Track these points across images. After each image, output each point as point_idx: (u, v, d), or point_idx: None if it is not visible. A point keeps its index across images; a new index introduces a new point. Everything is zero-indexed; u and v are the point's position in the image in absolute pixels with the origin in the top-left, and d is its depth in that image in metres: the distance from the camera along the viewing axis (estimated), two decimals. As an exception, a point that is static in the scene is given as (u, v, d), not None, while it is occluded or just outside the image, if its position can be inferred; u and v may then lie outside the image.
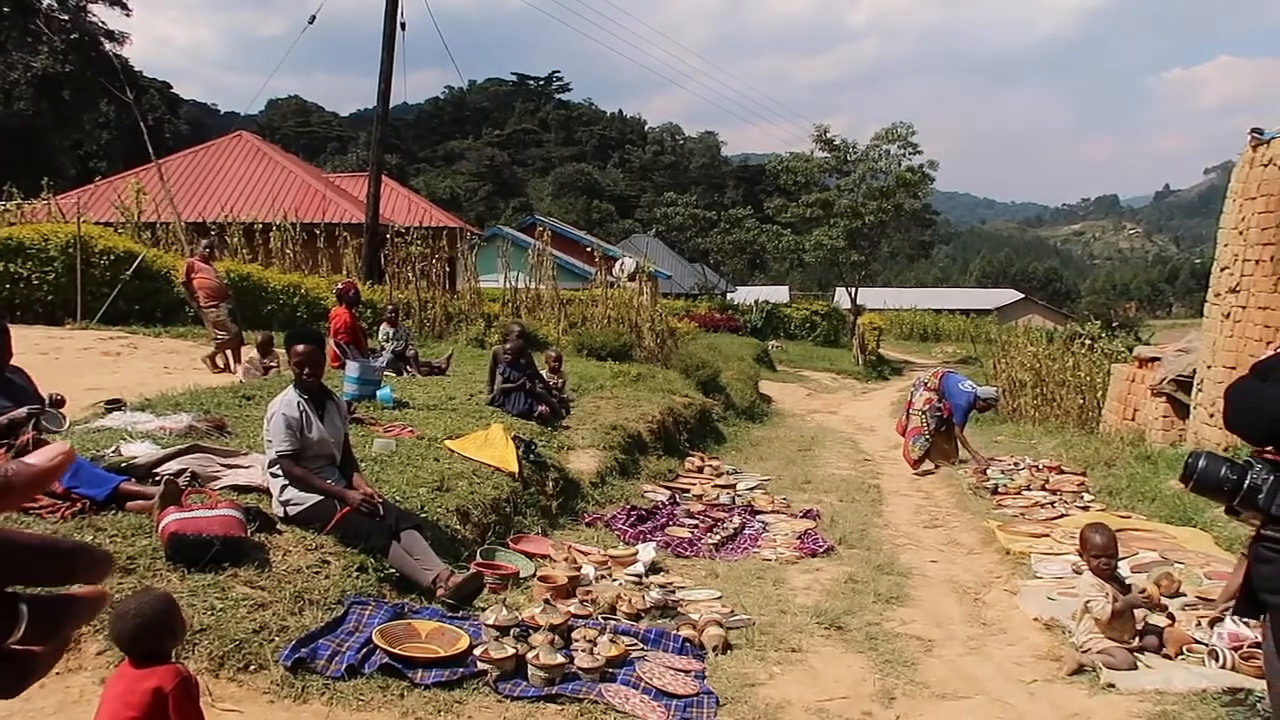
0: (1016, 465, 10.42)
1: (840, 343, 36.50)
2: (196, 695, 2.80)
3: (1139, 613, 5.03)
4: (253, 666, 3.90)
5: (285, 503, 5.15)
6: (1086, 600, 4.94)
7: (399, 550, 5.07)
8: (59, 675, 3.54)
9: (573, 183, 77.72)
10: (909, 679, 4.67)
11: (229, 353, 10.87)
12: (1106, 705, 4.37)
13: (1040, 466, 10.12)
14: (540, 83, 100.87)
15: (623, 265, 20.98)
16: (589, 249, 25.85)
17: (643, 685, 4.21)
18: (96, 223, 16.00)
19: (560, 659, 4.17)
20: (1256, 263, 9.62)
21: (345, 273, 18.05)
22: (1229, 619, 4.94)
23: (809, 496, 9.43)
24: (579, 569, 5.90)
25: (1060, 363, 17.28)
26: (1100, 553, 4.94)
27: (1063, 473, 9.82)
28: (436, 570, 5.06)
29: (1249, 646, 4.61)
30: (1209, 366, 10.34)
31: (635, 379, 12.89)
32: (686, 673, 4.41)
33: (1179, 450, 9.95)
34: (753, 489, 9.52)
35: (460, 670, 4.12)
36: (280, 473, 5.18)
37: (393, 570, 5.07)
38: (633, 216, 70.49)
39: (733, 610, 5.48)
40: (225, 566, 4.39)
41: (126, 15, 42.84)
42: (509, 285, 19.36)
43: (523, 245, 23.57)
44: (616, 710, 3.97)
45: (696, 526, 7.74)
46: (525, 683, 4.10)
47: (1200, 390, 10.61)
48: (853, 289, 38.94)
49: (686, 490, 9.15)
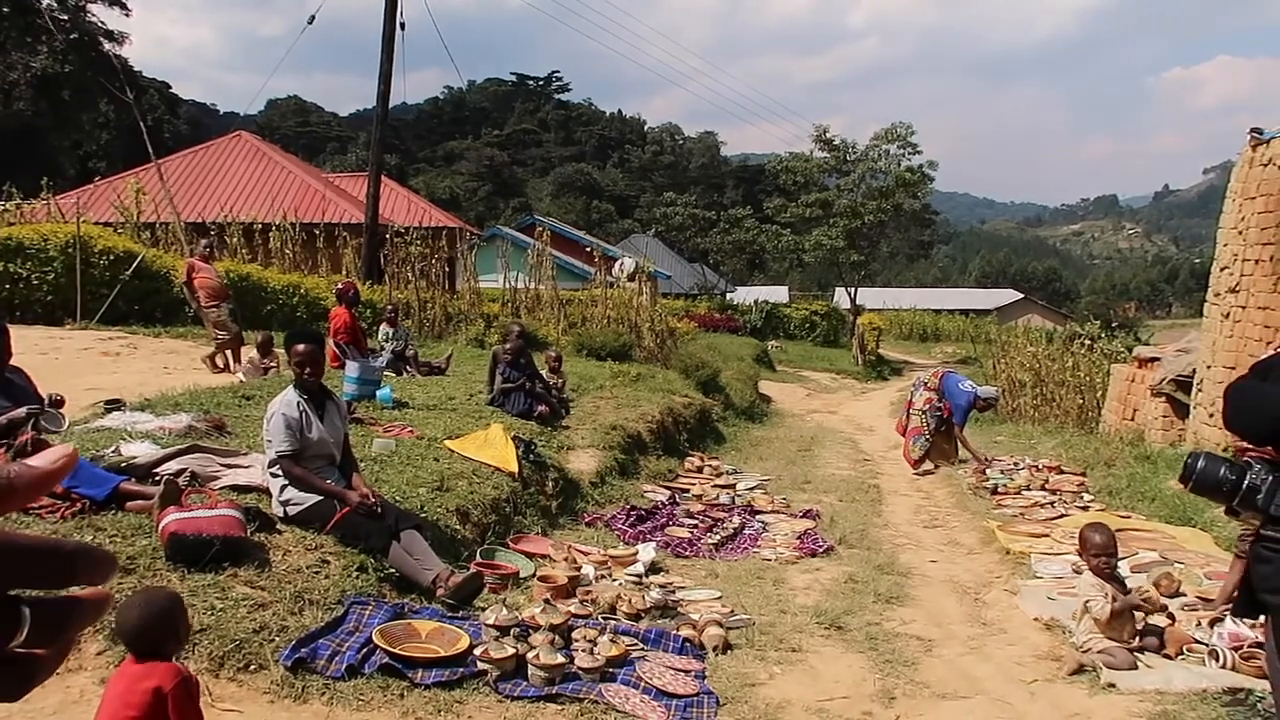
0: (1016, 465, 10.42)
1: (840, 343, 36.51)
2: (197, 695, 2.80)
3: (1139, 613, 5.03)
4: (253, 666, 3.89)
5: (285, 503, 5.15)
6: (1086, 600, 4.94)
7: (399, 550, 5.07)
8: (59, 675, 3.53)
9: (572, 183, 77.71)
10: (909, 679, 4.67)
11: (229, 353, 10.87)
12: (1107, 705, 4.37)
13: (1040, 466, 10.12)
14: (540, 83, 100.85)
15: (622, 265, 20.98)
16: (588, 249, 25.85)
17: (643, 685, 4.21)
18: (96, 223, 16.00)
19: (560, 659, 4.17)
20: (1256, 262, 9.62)
21: (345, 273, 18.05)
22: (1229, 619, 4.94)
23: (809, 496, 9.43)
24: (579, 569, 5.90)
25: (1060, 363, 17.29)
26: (1100, 552, 4.95)
27: (1062, 473, 9.83)
28: (436, 570, 5.06)
29: (1249, 646, 4.62)
30: (1209, 366, 10.35)
31: (635, 379, 12.90)
32: (687, 673, 4.41)
33: (1178, 450, 9.95)
34: (752, 489, 9.52)
35: (460, 670, 4.12)
36: (280, 473, 5.17)
37: (393, 570, 5.07)
38: (632, 216, 70.50)
39: (733, 610, 5.47)
40: (225, 566, 4.39)
41: (126, 15, 42.99)
42: (508, 285, 19.37)
43: (522, 245, 23.57)
44: (617, 710, 3.97)
45: (696, 526, 7.74)
46: (525, 683, 4.10)
47: (1200, 390, 10.62)
48: (852, 289, 38.95)
49: (686, 490, 9.15)
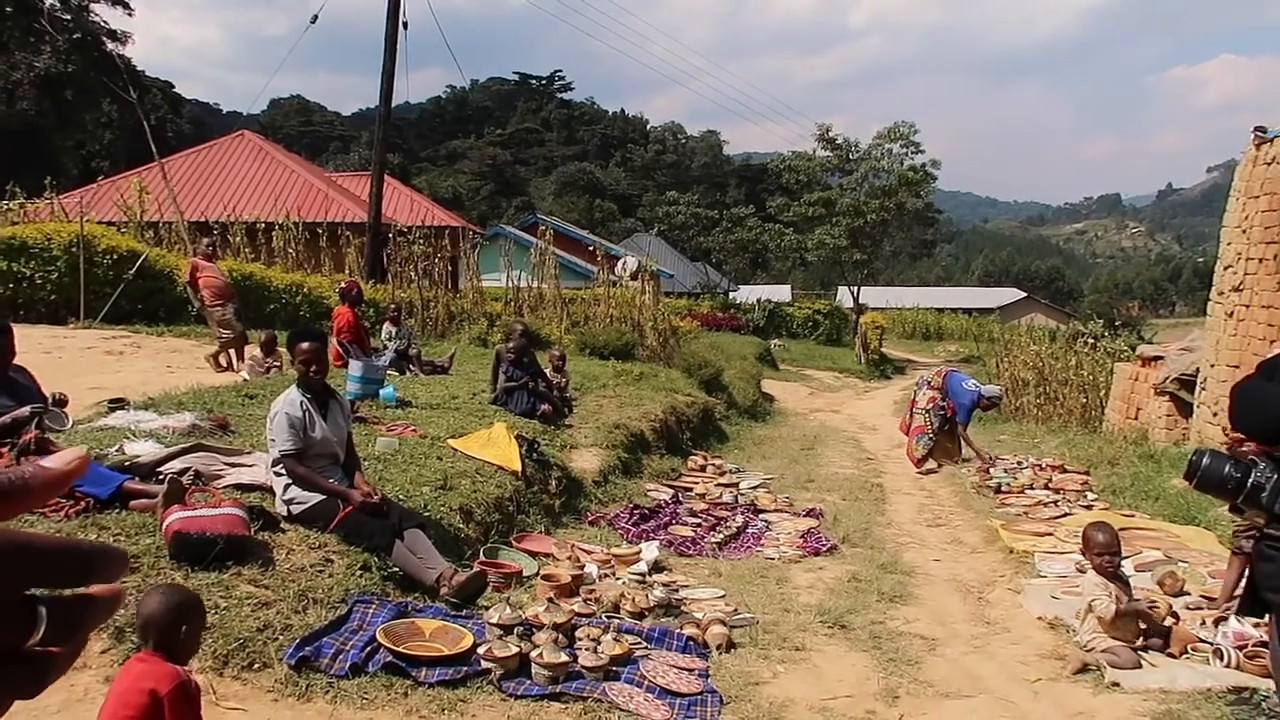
0: (1020, 464, 10.41)
1: (843, 341, 36.49)
2: (197, 700, 2.78)
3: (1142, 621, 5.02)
4: (257, 665, 3.90)
5: (289, 501, 5.15)
6: (1090, 599, 4.93)
7: (402, 549, 5.07)
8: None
9: (575, 182, 77.69)
10: (913, 678, 4.67)
11: (233, 352, 10.87)
12: (1111, 704, 4.36)
13: (1043, 465, 10.11)
14: (542, 82, 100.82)
15: (625, 264, 20.97)
16: (591, 248, 25.83)
17: (646, 684, 4.21)
18: (99, 222, 16.01)
19: (564, 657, 4.17)
20: (1260, 261, 9.61)
21: (348, 272, 18.05)
22: (1233, 618, 4.93)
23: (812, 495, 9.42)
24: (582, 568, 5.90)
25: (1063, 361, 17.27)
26: (1103, 550, 4.94)
27: (1066, 471, 9.82)
28: (440, 569, 5.06)
29: (1254, 645, 4.61)
30: (1212, 365, 10.33)
31: (638, 378, 12.89)
32: (690, 671, 4.41)
33: (1182, 449, 9.94)
34: (755, 488, 9.51)
35: (464, 669, 4.12)
36: (283, 472, 5.18)
37: (396, 569, 5.07)
38: (635, 215, 70.49)
39: (736, 609, 5.47)
40: (229, 565, 4.39)
41: (129, 15, 42.98)
42: (511, 284, 19.35)
43: (525, 244, 23.58)
44: (620, 709, 3.97)
45: (699, 525, 7.73)
46: (529, 681, 4.10)
47: (1203, 389, 10.60)
48: (855, 288, 38.90)
49: (689, 489, 9.15)
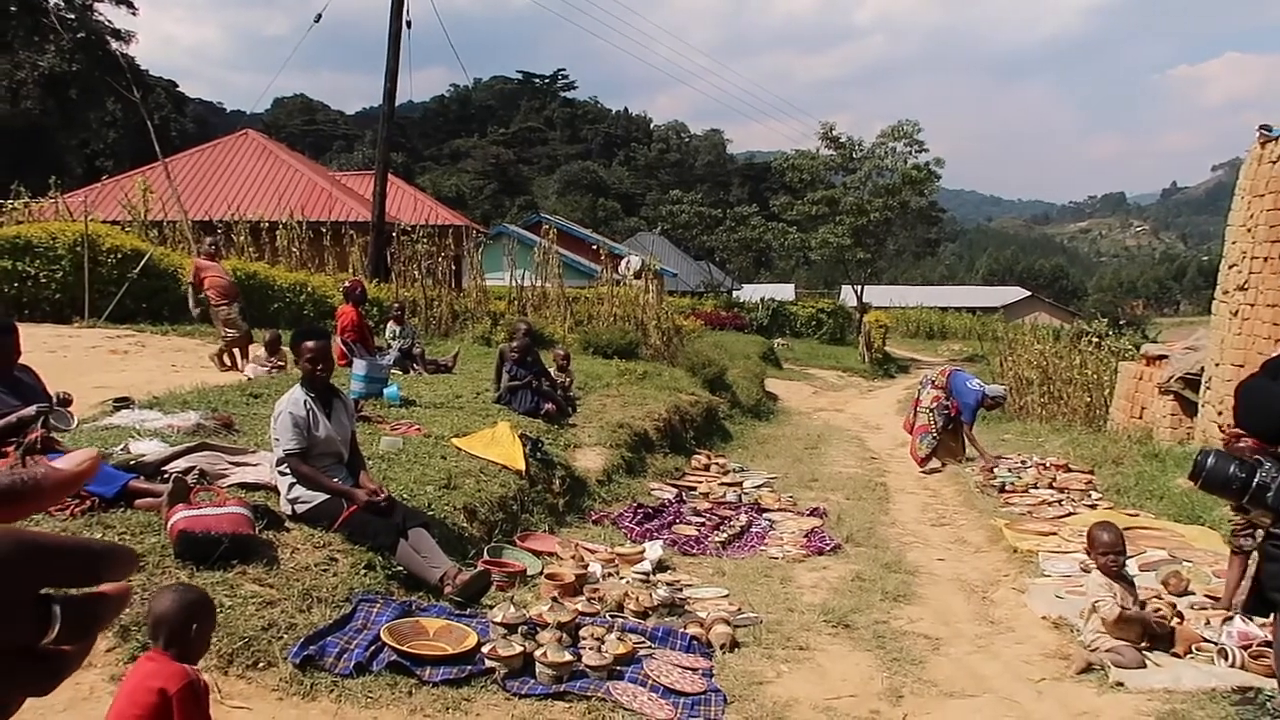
0: (1024, 463, 10.39)
1: (846, 340, 36.45)
2: (205, 700, 2.79)
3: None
4: (261, 664, 3.91)
5: (293, 500, 5.16)
6: (1094, 600, 4.93)
7: (406, 548, 5.08)
8: (69, 672, 3.54)
9: (578, 181, 77.68)
10: (917, 677, 4.67)
11: (237, 351, 10.89)
12: (1115, 704, 4.36)
13: (1048, 464, 10.09)
14: (546, 81, 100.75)
15: (628, 263, 20.98)
16: (595, 247, 25.82)
17: (650, 683, 4.21)
18: (104, 221, 16.04)
19: (568, 657, 4.17)
20: (1265, 260, 9.59)
21: (351, 271, 18.07)
22: (1238, 617, 4.92)
23: (816, 494, 9.42)
24: (586, 567, 5.90)
25: (1067, 361, 17.23)
26: (1108, 550, 4.93)
27: (1070, 471, 9.80)
28: (444, 568, 5.07)
29: (1259, 645, 4.60)
30: (1217, 364, 10.31)
31: (641, 377, 12.89)
32: (694, 670, 4.41)
33: (1187, 448, 9.92)
34: (759, 487, 9.51)
35: (468, 668, 4.13)
36: (288, 471, 5.18)
37: (400, 568, 5.08)
38: (638, 214, 70.48)
39: (740, 608, 5.47)
40: (234, 564, 4.40)
41: (133, 14, 43.01)
42: (515, 283, 19.37)
43: (528, 243, 23.57)
44: (624, 708, 3.97)
45: (703, 524, 7.73)
46: (533, 680, 4.10)
47: (1208, 388, 10.58)
48: (859, 287, 38.85)
49: (693, 488, 9.15)
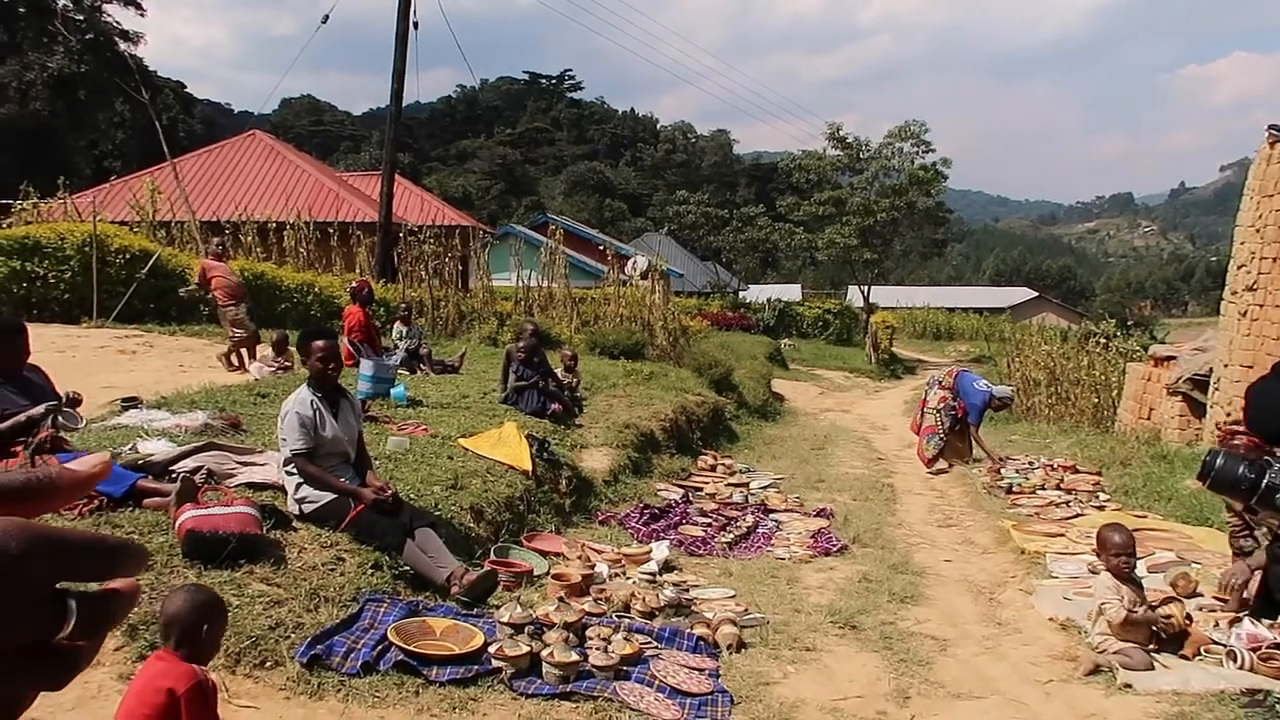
0: (1031, 464, 10.35)
1: (853, 341, 36.39)
2: (213, 700, 2.79)
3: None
4: (269, 663, 3.91)
5: (300, 500, 5.17)
6: (1101, 602, 4.91)
7: (413, 548, 5.09)
8: (78, 671, 3.56)
9: (585, 181, 77.74)
10: (924, 678, 4.66)
11: (245, 351, 10.92)
12: (1123, 706, 4.34)
13: (1055, 466, 10.05)
14: (552, 81, 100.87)
15: (635, 264, 20.97)
16: (601, 247, 25.88)
17: (657, 683, 4.21)
18: (112, 222, 16.10)
19: (575, 657, 4.17)
20: (1274, 260, 9.55)
21: (359, 271, 18.10)
22: (1247, 620, 4.90)
23: (822, 495, 9.41)
24: (593, 567, 5.90)
25: (1075, 361, 17.18)
26: (1120, 551, 4.91)
27: (1078, 472, 9.76)
28: (451, 568, 5.07)
29: (1268, 648, 4.58)
30: (1225, 365, 10.27)
31: (648, 377, 12.89)
32: (701, 671, 4.41)
33: (1195, 449, 9.88)
34: (766, 487, 9.50)
35: (475, 668, 4.13)
36: (295, 470, 5.20)
37: (407, 568, 5.08)
38: (645, 215, 70.49)
39: (747, 609, 5.47)
40: (241, 563, 4.41)
41: (141, 15, 43.19)
42: (521, 284, 19.38)
43: (535, 244, 23.61)
44: (631, 708, 3.97)
45: (710, 525, 7.73)
46: (540, 680, 4.11)
47: (1217, 389, 10.54)
48: (865, 287, 38.78)
49: (700, 489, 9.14)
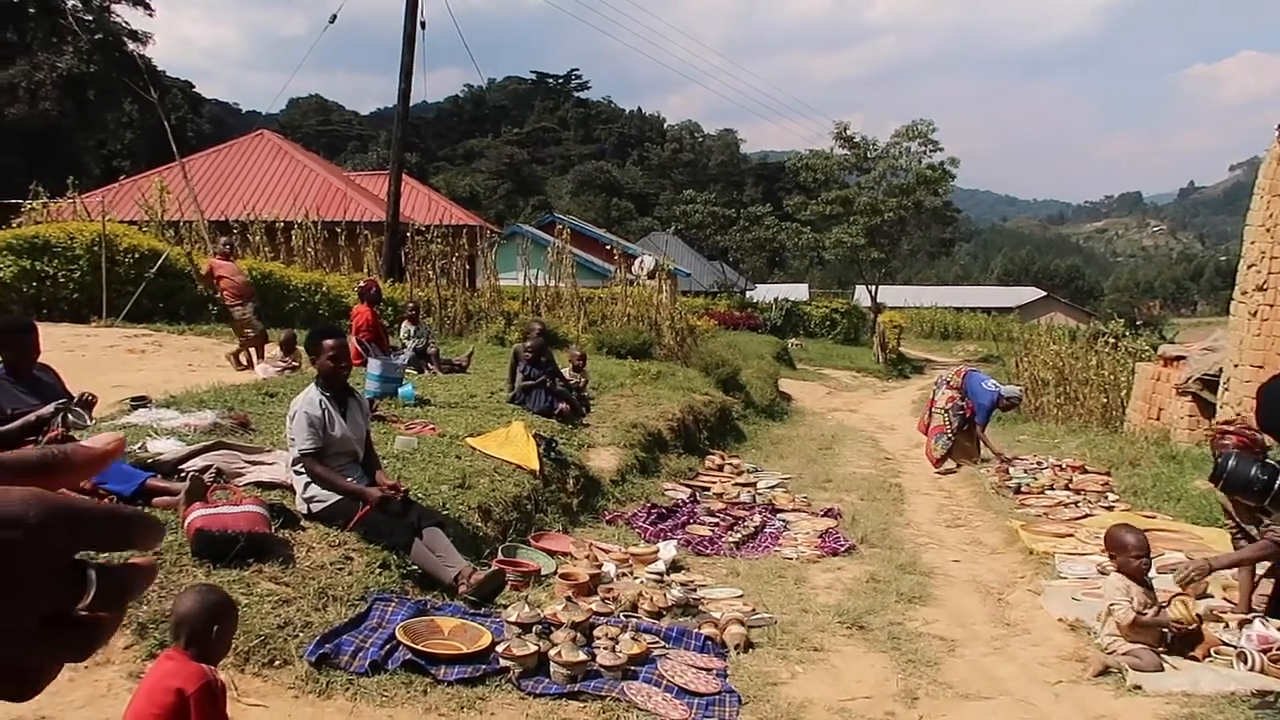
0: (1040, 465, 10.33)
1: (860, 341, 36.35)
2: (222, 700, 2.80)
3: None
4: (277, 662, 3.93)
5: (309, 499, 5.19)
6: (1111, 603, 4.89)
7: (421, 547, 5.09)
8: (87, 669, 3.57)
9: (592, 181, 77.76)
10: (932, 679, 4.65)
11: (253, 350, 10.95)
12: (1133, 707, 4.32)
13: (1064, 466, 10.02)
14: (559, 81, 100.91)
15: (642, 263, 20.97)
16: (608, 247, 25.85)
17: (665, 683, 4.20)
18: (121, 221, 16.15)
19: (582, 656, 4.17)
20: (1285, 260, 9.50)
21: (366, 271, 18.14)
22: (1258, 621, 4.88)
23: (830, 495, 9.39)
24: (600, 567, 5.91)
25: (1083, 361, 17.10)
26: (1139, 551, 4.89)
27: (1086, 472, 9.73)
28: (458, 567, 5.08)
29: (1278, 649, 4.56)
30: (1235, 365, 10.22)
31: (655, 377, 12.89)
32: (708, 671, 4.41)
33: (1204, 450, 9.83)
34: (773, 487, 9.49)
35: (483, 667, 4.14)
36: (303, 470, 5.21)
37: (415, 567, 5.10)
38: (652, 214, 70.49)
39: (754, 609, 5.46)
40: (250, 562, 4.43)
41: (149, 15, 43.30)
42: (529, 283, 19.40)
43: (542, 243, 23.63)
44: (638, 708, 3.97)
45: (717, 525, 7.72)
46: (547, 680, 4.11)
47: (1226, 389, 10.49)
48: (873, 287, 38.70)
49: (707, 488, 9.14)
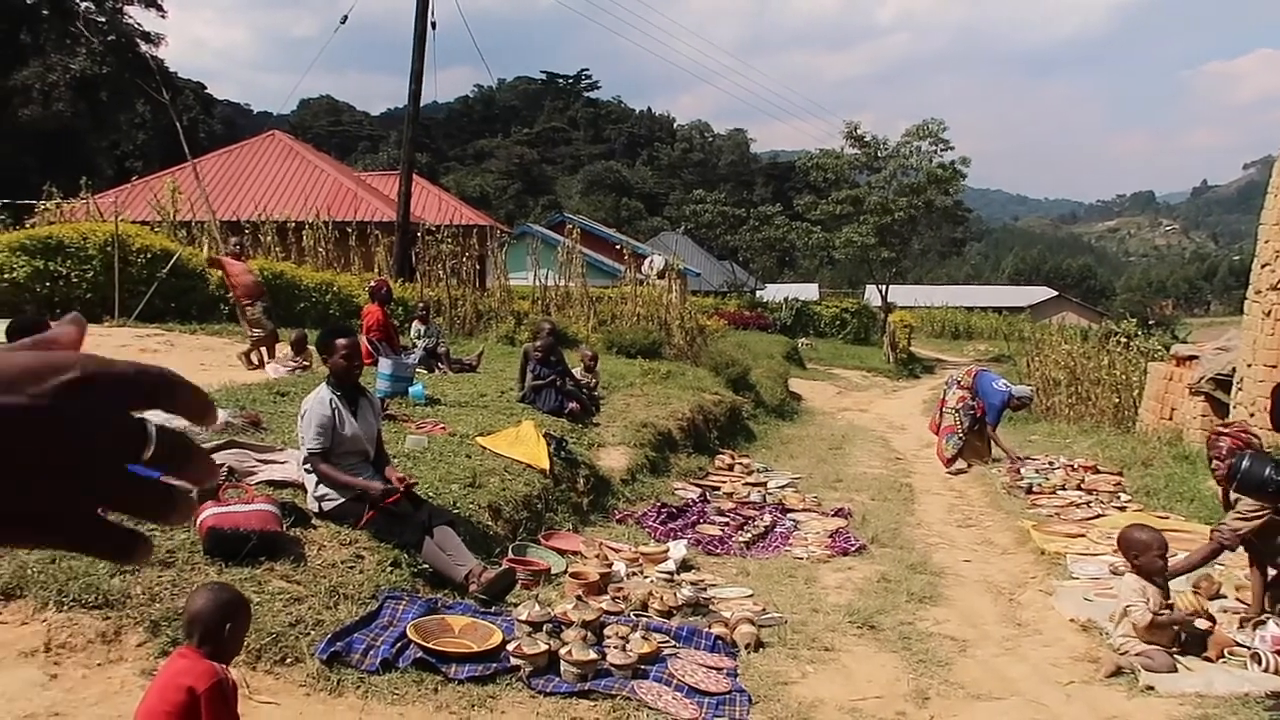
0: (1051, 464, 10.28)
1: (871, 340, 36.24)
2: (233, 699, 2.80)
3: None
4: (289, 659, 3.94)
5: (320, 498, 5.21)
6: (1126, 605, 4.86)
7: (432, 546, 5.10)
8: (101, 667, 3.59)
9: (602, 180, 77.80)
10: (943, 679, 4.63)
11: (264, 350, 11.00)
12: (1145, 708, 4.30)
13: (1075, 466, 9.98)
14: (569, 81, 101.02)
15: (652, 263, 20.96)
16: (618, 247, 25.87)
17: (675, 682, 4.20)
18: (133, 221, 16.25)
19: (593, 655, 4.18)
20: (1299, 259, 9.43)
21: (377, 270, 18.17)
22: (1271, 622, 4.85)
23: (840, 495, 9.37)
24: (610, 566, 5.91)
25: (1095, 361, 17.02)
26: (1160, 550, 4.85)
27: (1098, 472, 9.68)
28: (469, 566, 5.09)
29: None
30: (1249, 365, 10.15)
31: (665, 376, 12.88)
32: (719, 670, 4.40)
33: (1218, 450, 9.76)
34: (783, 487, 9.47)
35: (493, 665, 4.15)
36: (311, 468, 5.24)
37: (426, 566, 5.11)
38: (661, 214, 70.47)
39: (765, 608, 5.45)
40: (261, 560, 4.45)
41: (162, 17, 43.45)
42: (539, 283, 19.41)
43: (552, 243, 23.63)
44: (649, 707, 3.97)
45: (727, 524, 7.72)
46: (558, 678, 4.11)
47: (1240, 389, 10.42)
48: (883, 286, 38.63)
49: (717, 488, 9.13)
